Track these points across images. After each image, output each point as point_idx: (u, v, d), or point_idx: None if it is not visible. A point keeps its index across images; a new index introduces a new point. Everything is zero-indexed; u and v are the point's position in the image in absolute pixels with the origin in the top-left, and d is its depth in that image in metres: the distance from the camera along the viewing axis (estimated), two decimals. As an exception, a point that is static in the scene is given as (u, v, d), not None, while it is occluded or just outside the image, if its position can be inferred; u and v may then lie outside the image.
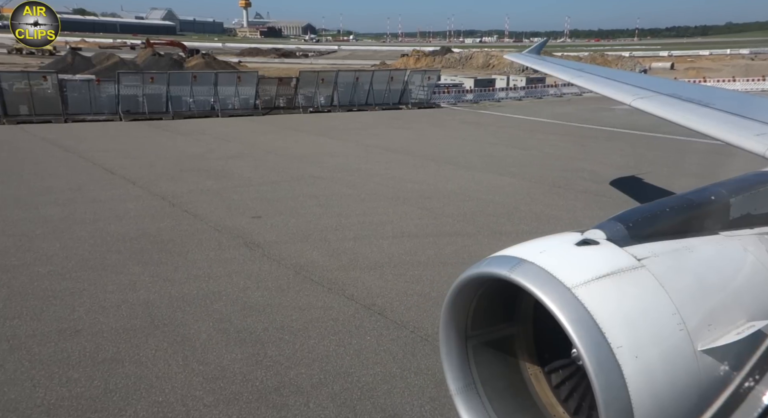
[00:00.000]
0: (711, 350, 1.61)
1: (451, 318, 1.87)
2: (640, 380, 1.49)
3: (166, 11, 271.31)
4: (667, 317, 1.59)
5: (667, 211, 1.91)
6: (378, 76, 30.35)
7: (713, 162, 15.09)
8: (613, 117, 25.92)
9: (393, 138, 20.14)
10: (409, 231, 9.73)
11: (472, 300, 1.86)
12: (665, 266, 1.70)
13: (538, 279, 1.58)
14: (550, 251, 1.69)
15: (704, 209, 1.99)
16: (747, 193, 2.11)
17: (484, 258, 1.79)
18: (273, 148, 17.73)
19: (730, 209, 2.03)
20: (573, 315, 1.50)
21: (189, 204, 11.05)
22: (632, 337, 1.52)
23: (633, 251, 1.70)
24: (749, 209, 2.08)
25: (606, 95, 5.53)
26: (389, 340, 6.03)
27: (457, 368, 1.91)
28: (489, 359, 1.95)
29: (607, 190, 12.34)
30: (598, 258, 1.66)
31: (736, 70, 55.46)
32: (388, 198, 11.86)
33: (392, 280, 7.66)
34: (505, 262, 1.68)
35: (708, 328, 1.64)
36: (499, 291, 1.80)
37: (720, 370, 1.64)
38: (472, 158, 16.18)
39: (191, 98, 25.06)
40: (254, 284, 7.35)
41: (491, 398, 1.91)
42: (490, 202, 11.60)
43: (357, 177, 13.77)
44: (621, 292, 1.58)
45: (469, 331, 1.90)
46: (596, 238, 1.74)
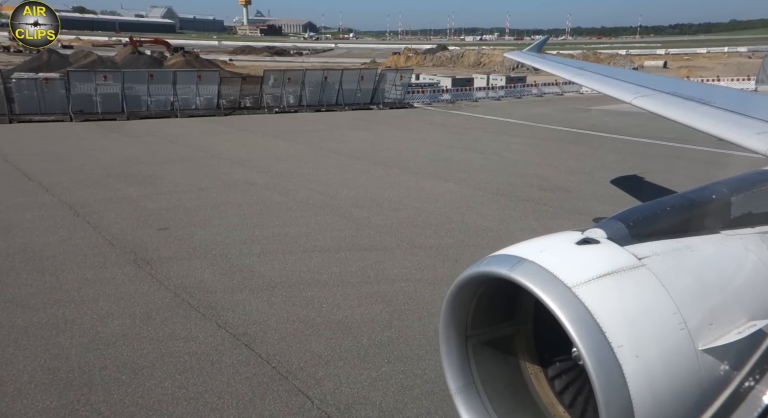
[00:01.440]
0: (712, 349, 1.61)
1: (451, 317, 1.86)
2: (641, 379, 1.49)
3: (165, 9, 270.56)
4: (667, 317, 1.59)
5: (668, 210, 1.90)
6: (348, 75, 29.56)
7: (671, 167, 14.44)
8: (586, 118, 25.31)
9: (351, 140, 19.41)
10: (322, 245, 9.01)
11: (472, 299, 1.86)
12: (666, 265, 1.70)
13: (539, 278, 1.58)
14: (550, 250, 1.69)
15: (705, 208, 1.97)
16: (748, 192, 2.08)
17: (484, 257, 1.76)
18: (219, 151, 16.97)
19: (731, 208, 2.01)
20: (573, 314, 1.50)
21: (96, 214, 10.29)
22: (633, 336, 1.52)
23: (633, 250, 1.70)
24: (750, 207, 2.05)
25: (606, 93, 5.46)
26: (242, 379, 5.31)
27: (456, 367, 1.90)
28: (489, 358, 1.95)
29: (549, 198, 11.65)
30: (599, 257, 1.66)
31: (728, 69, 54.93)
32: (317, 207, 11.14)
33: (279, 303, 6.93)
34: (505, 261, 1.67)
35: (709, 327, 1.64)
36: (499, 290, 1.79)
37: (721, 369, 1.64)
38: (424, 162, 15.47)
39: (150, 98, 24.23)
40: (119, 309, 6.61)
41: (491, 397, 1.90)
42: (422, 211, 10.89)
43: (293, 183, 13.04)
44: (621, 291, 1.59)
45: (469, 330, 1.90)
46: (597, 237, 1.73)
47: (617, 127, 21.87)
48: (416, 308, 6.86)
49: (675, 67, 62.79)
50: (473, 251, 8.72)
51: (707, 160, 15.33)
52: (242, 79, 27.19)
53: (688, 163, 14.86)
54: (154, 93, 24.34)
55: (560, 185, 12.72)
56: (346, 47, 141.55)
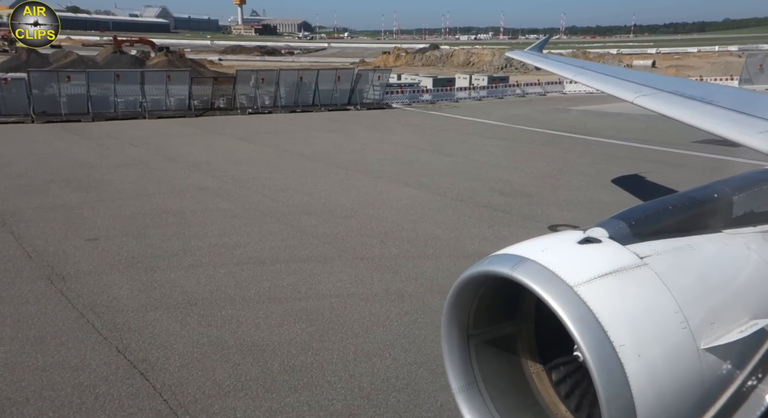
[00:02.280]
0: (714, 348, 1.61)
1: (453, 317, 1.86)
2: (643, 378, 1.48)
3: (160, 9, 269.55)
4: (669, 316, 1.58)
5: (670, 209, 1.90)
6: (324, 75, 28.98)
7: (638, 169, 14.01)
8: (565, 119, 24.87)
9: (318, 142, 18.86)
10: (258, 256, 8.47)
11: (474, 299, 1.86)
12: (668, 264, 1.69)
13: (540, 277, 1.58)
14: (552, 249, 1.69)
15: (707, 207, 1.97)
16: (750, 190, 2.08)
17: (486, 257, 1.76)
18: (178, 154, 16.37)
19: (733, 207, 2.01)
20: (575, 313, 1.50)
21: (23, 223, 9.69)
22: (635, 335, 1.51)
23: (635, 249, 1.70)
24: (752, 206, 2.06)
25: (608, 92, 5.47)
26: (124, 416, 4.76)
27: (458, 366, 1.90)
28: (491, 357, 1.95)
29: (508, 204, 11.16)
30: (601, 256, 1.66)
31: (715, 68, 54.71)
32: (264, 214, 10.59)
33: (193, 323, 6.39)
34: (506, 260, 1.68)
35: (711, 326, 1.63)
36: (501, 290, 1.79)
37: (723, 368, 1.63)
38: (388, 166, 14.95)
39: (117, 99, 23.55)
40: (11, 333, 6.03)
41: (493, 396, 1.90)
42: (374, 218, 10.37)
43: (246, 188, 12.48)
44: (623, 290, 1.59)
45: (470, 330, 1.90)
46: (598, 236, 1.74)
47: (594, 129, 21.46)
48: (341, 327, 6.34)
49: (663, 67, 62.53)
50: (417, 263, 8.23)
51: (678, 163, 14.93)
52: (214, 79, 26.55)
53: (656, 167, 14.44)
54: (121, 94, 23.67)
55: (523, 190, 12.23)
56: (340, 46, 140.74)
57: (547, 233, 1.78)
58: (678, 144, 17.43)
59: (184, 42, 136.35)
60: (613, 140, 18.70)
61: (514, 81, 39.77)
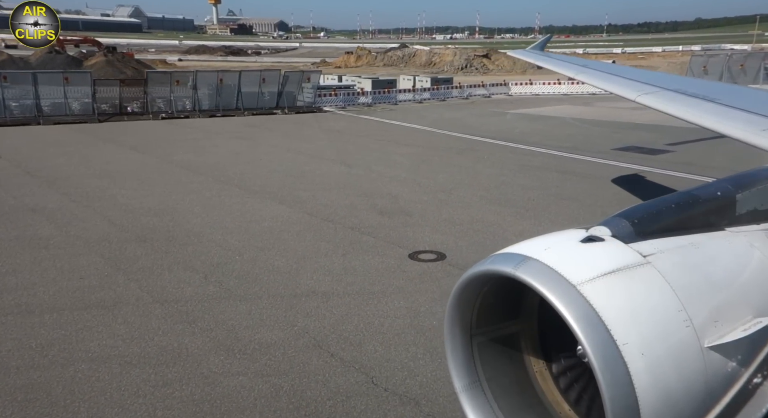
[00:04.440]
0: (717, 346, 1.60)
1: (456, 316, 1.86)
2: (646, 377, 1.47)
3: (133, 8, 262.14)
4: (673, 314, 1.57)
5: (673, 207, 1.89)
6: (247, 77, 27.32)
7: (543, 181, 12.84)
8: (496, 124, 23.77)
9: (215, 151, 17.20)
10: (30, 302, 6.85)
11: (477, 298, 1.85)
12: (671, 262, 1.68)
13: (543, 276, 1.57)
14: (554, 248, 1.67)
15: (710, 205, 1.96)
16: (753, 188, 2.06)
17: (489, 255, 1.73)
18: (41, 167, 14.49)
19: (736, 205, 2.00)
20: (578, 312, 1.49)
21: None
22: (638, 334, 1.50)
23: (638, 248, 1.69)
24: (755, 204, 2.05)
25: (610, 91, 5.45)
26: None
27: (462, 365, 1.90)
28: (494, 356, 1.94)
29: (380, 225, 9.76)
30: (603, 255, 1.65)
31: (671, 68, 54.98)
32: (88, 243, 8.95)
33: None
34: (509, 259, 1.66)
35: (714, 324, 1.62)
36: (504, 288, 1.78)
37: (727, 366, 1.63)
38: (275, 179, 13.42)
39: (5, 102, 21.41)
40: None
41: (496, 395, 1.90)
42: (217, 246, 8.85)
43: (90, 209, 10.79)
44: (626, 289, 1.57)
45: (474, 328, 1.89)
46: (601, 234, 1.72)
47: (521, 135, 20.34)
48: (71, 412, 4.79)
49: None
50: (225, 307, 6.75)
51: (587, 173, 13.84)
52: (121, 81, 24.59)
53: (562, 179, 13.30)
54: (11, 97, 21.56)
55: (405, 208, 10.86)
56: (311, 46, 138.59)
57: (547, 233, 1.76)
58: (599, 152, 16.46)
59: (152, 42, 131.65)
60: (535, 148, 17.58)
61: (457, 82, 38.76)
